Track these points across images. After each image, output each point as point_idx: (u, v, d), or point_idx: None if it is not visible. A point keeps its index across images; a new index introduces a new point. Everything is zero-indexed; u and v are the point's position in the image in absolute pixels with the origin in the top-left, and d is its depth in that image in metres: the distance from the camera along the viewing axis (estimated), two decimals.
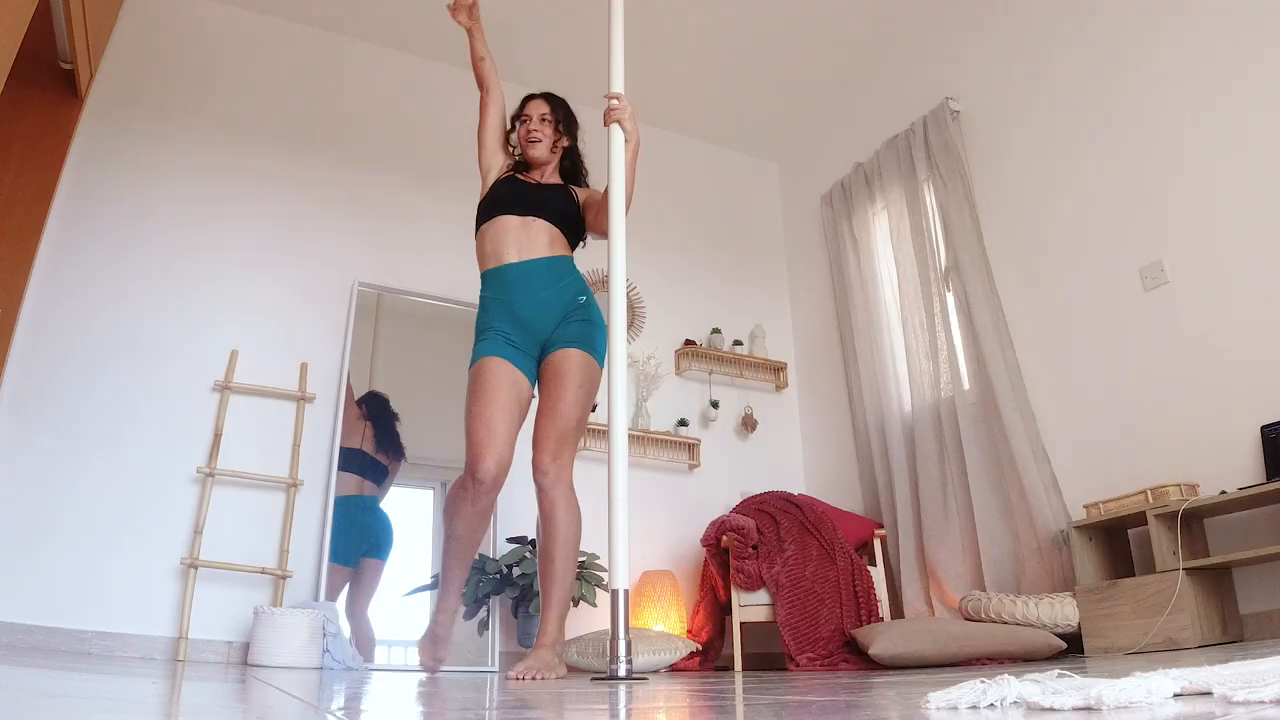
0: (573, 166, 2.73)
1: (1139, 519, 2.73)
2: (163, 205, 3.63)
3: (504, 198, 2.56)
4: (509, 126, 2.76)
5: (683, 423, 4.29)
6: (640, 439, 4.10)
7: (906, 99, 4.23)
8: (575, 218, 2.60)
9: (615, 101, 2.47)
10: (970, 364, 3.60)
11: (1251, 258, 2.79)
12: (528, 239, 2.49)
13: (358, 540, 3.52)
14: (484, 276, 2.53)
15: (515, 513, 3.81)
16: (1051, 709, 0.69)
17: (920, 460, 3.73)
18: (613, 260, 2.33)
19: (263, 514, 3.39)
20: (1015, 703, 0.75)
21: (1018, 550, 3.26)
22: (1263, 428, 2.62)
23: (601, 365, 2.51)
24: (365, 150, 4.17)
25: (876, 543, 3.79)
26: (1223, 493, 2.56)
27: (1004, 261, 3.63)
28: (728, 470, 4.40)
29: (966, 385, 3.60)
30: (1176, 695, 0.75)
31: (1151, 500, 2.71)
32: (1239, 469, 2.69)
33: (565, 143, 2.71)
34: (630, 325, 4.37)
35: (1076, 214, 3.39)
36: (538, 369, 2.54)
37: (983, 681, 0.80)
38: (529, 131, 2.65)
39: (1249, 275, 2.79)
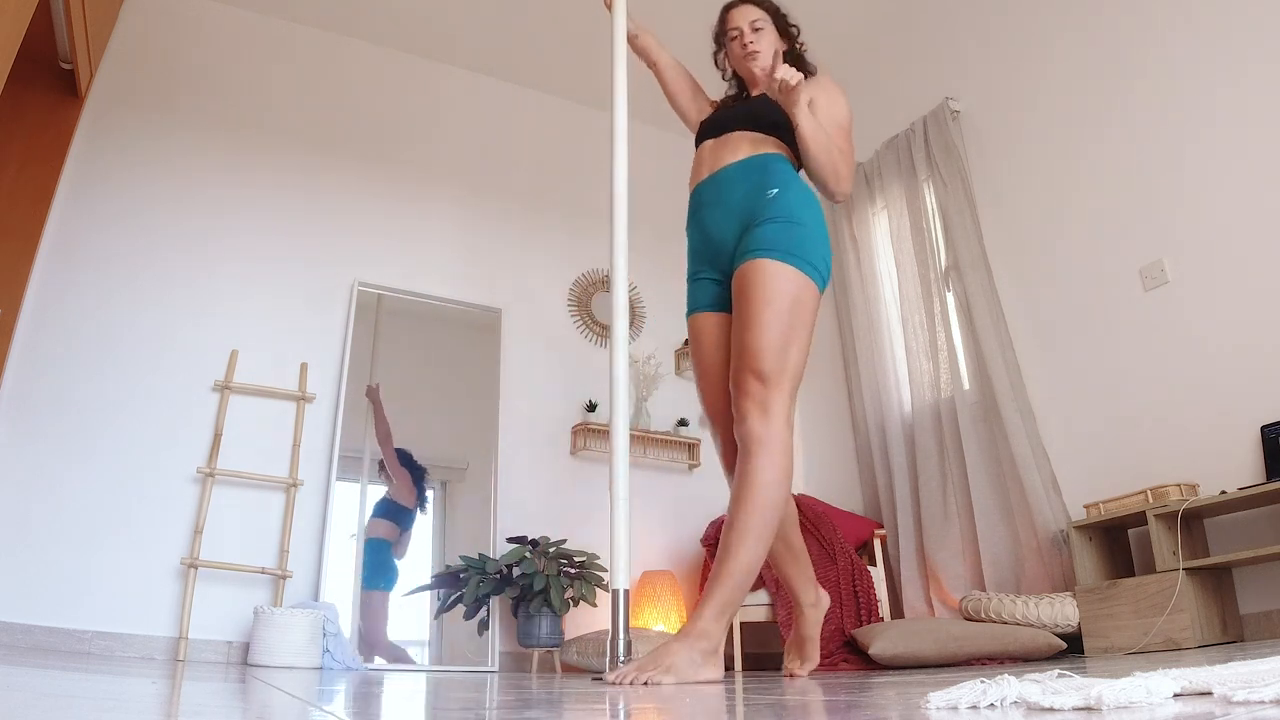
0: (798, 68, 2.23)
1: (1139, 519, 2.73)
2: (162, 205, 3.63)
3: (703, 129, 2.21)
4: (715, 47, 2.36)
5: (683, 423, 4.29)
6: (640, 439, 4.10)
7: (906, 99, 4.23)
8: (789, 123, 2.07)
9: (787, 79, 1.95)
10: (970, 364, 3.60)
11: (1251, 258, 2.79)
12: (724, 151, 2.10)
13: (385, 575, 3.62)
14: None
15: (515, 512, 3.81)
16: (1051, 709, 0.69)
17: (920, 460, 3.73)
18: (614, 260, 2.33)
19: (263, 514, 3.39)
20: (1015, 703, 0.75)
21: (1018, 550, 3.26)
22: (1263, 428, 2.62)
23: (813, 273, 1.94)
24: (365, 150, 4.17)
25: (876, 543, 3.79)
26: (1223, 493, 2.56)
27: (1004, 261, 3.63)
28: None
29: (966, 385, 3.60)
30: (1176, 695, 0.75)
31: (1151, 500, 2.71)
32: (1239, 469, 2.69)
33: (784, 46, 2.28)
34: (631, 325, 4.37)
35: (1076, 214, 3.39)
36: None
37: (983, 681, 0.80)
38: (745, 47, 2.22)
39: (1249, 275, 2.79)
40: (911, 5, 4.20)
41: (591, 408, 4.14)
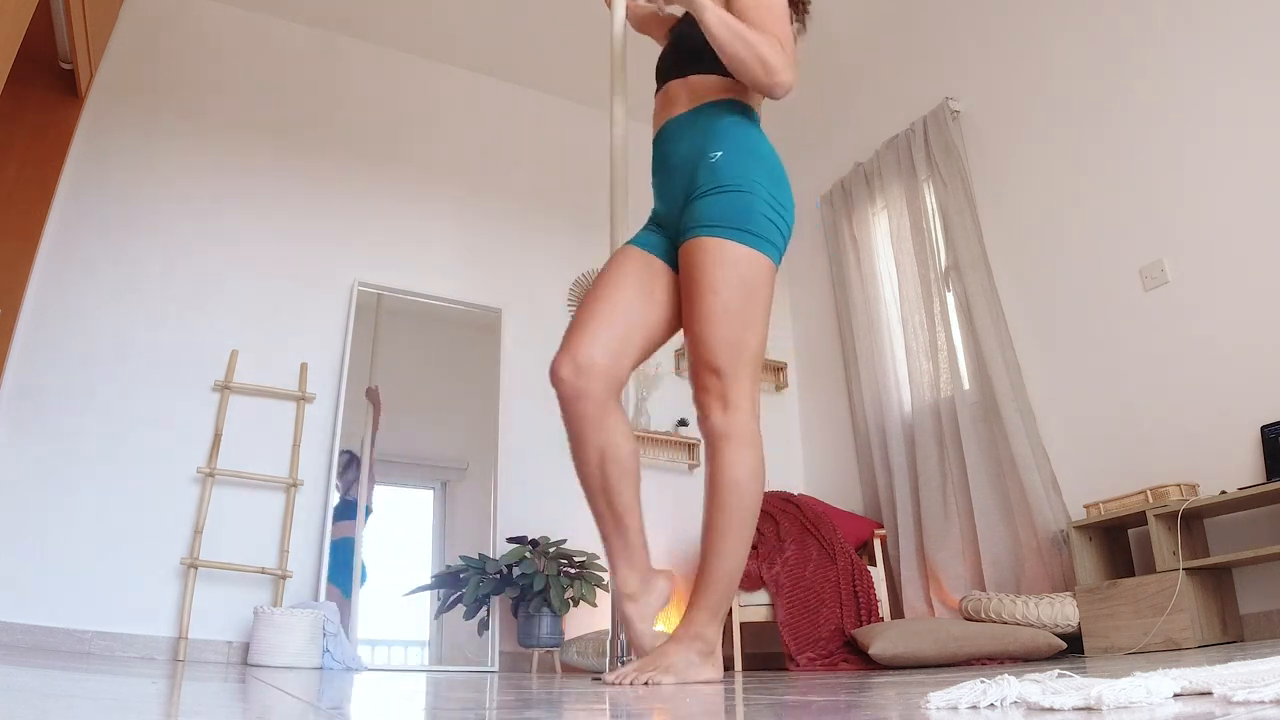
0: None
1: (1139, 519, 2.73)
2: (162, 205, 3.63)
3: (656, 78, 2.00)
4: None
5: (682, 423, 4.29)
6: (640, 439, 4.10)
7: (906, 99, 4.23)
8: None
9: None
10: (970, 364, 3.60)
11: (1251, 258, 2.79)
12: (663, 106, 1.94)
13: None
14: None
15: (515, 512, 3.81)
16: (1051, 709, 0.69)
17: (920, 460, 3.73)
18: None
19: (263, 514, 3.39)
20: (1015, 703, 0.75)
21: (1018, 550, 3.26)
22: (1263, 428, 2.62)
23: (767, 246, 1.77)
24: (365, 150, 4.17)
25: (876, 543, 3.79)
26: (1223, 493, 2.56)
27: (1004, 261, 3.63)
28: None
29: (966, 385, 3.60)
30: (1176, 695, 0.75)
31: (1151, 500, 2.71)
32: (1239, 469, 2.69)
33: None
34: None
35: (1076, 214, 3.39)
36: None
37: (983, 681, 0.80)
38: None
39: (1249, 275, 2.79)
40: (911, 5, 4.20)
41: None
